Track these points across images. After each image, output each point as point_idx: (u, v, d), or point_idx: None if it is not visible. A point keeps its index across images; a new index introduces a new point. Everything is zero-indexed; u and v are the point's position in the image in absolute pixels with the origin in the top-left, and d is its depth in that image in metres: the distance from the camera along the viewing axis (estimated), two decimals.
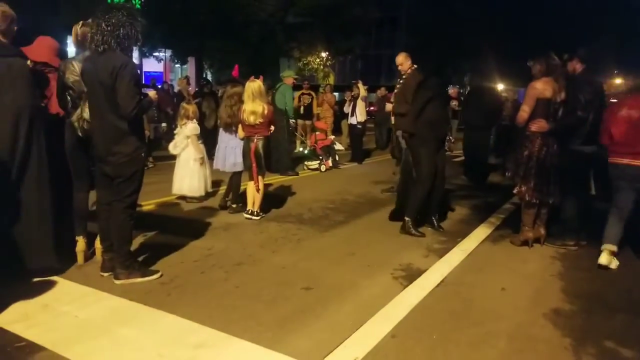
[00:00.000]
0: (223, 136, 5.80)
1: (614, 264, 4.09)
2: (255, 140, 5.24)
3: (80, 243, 3.78)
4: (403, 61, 5.65)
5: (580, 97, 4.39)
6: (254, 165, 5.26)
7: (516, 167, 4.46)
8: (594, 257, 4.37)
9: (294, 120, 9.28)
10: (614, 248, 4.08)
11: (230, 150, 5.68)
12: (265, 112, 5.19)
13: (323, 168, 9.08)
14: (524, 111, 4.36)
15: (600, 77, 5.11)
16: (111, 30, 3.21)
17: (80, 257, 3.79)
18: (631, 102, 4.07)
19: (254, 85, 5.24)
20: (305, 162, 9.41)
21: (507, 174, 4.59)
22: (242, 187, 5.82)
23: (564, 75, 4.45)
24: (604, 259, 4.05)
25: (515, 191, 4.48)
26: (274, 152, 8.34)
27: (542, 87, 4.35)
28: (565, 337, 2.88)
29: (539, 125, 4.33)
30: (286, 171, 8.48)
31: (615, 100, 4.55)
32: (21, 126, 3.29)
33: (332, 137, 10.03)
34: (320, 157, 9.20)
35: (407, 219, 4.91)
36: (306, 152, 10.05)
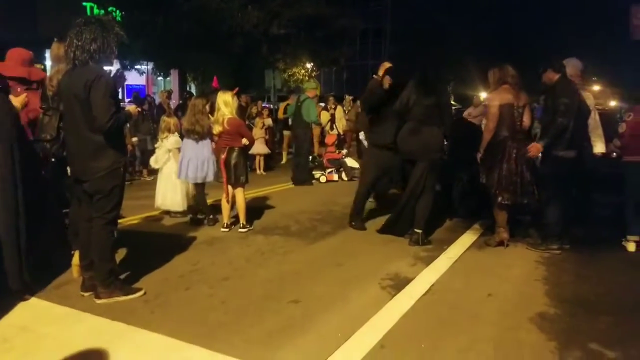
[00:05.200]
0: (186, 145, 5.66)
1: None
2: (225, 152, 5.21)
3: (76, 256, 3.69)
4: None
5: (559, 104, 4.47)
6: (224, 176, 5.23)
7: (489, 172, 4.64)
8: (577, 261, 4.43)
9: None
10: (637, 238, 4.67)
11: (202, 162, 5.58)
12: (225, 122, 5.13)
13: (323, 179, 9.10)
14: (491, 121, 4.61)
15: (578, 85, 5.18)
16: (83, 45, 3.19)
17: (75, 271, 3.73)
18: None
19: (223, 96, 5.26)
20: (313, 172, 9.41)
21: (481, 180, 4.75)
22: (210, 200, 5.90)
23: (519, 85, 4.67)
24: (631, 247, 4.66)
25: (492, 194, 4.62)
26: (295, 162, 8.96)
27: (499, 97, 4.60)
28: (550, 340, 2.89)
29: (536, 149, 4.51)
30: (303, 182, 8.70)
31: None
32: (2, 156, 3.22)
33: (344, 151, 10.01)
34: (327, 169, 9.24)
35: (419, 231, 4.87)
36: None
